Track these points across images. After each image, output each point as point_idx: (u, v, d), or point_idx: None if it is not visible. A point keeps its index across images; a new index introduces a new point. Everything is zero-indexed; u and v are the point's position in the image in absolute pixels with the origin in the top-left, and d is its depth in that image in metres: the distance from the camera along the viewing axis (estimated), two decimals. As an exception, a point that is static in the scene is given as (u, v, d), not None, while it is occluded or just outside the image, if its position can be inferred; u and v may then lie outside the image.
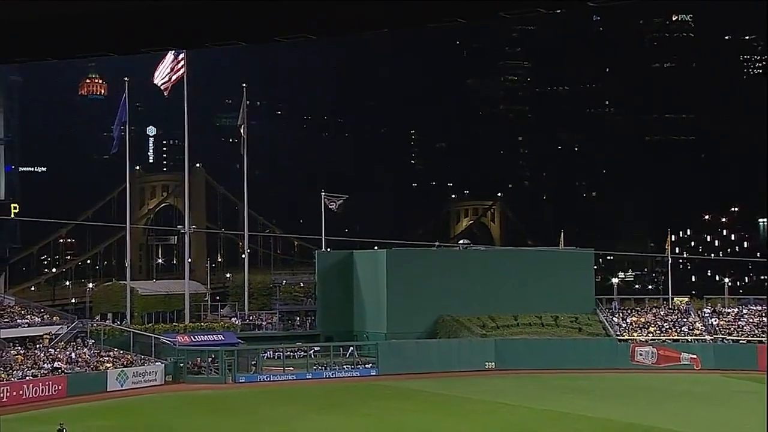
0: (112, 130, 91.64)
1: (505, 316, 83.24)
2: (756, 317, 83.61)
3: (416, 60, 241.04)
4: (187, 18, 9.78)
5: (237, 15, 9.52)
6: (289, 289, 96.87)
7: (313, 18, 9.39)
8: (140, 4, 10.01)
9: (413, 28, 10.03)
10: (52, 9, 10.27)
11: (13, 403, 62.96)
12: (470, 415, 58.09)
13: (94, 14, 10.26)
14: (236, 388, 71.15)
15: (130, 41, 10.89)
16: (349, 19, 9.34)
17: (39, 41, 11.14)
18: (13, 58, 12.55)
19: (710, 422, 53.79)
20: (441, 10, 9.10)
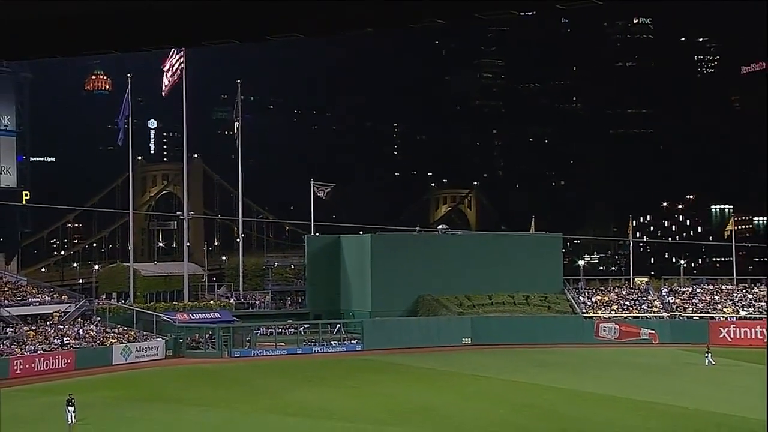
0: (116, 123, 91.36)
1: (481, 295, 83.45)
2: (708, 295, 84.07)
3: (398, 59, 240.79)
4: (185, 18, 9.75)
5: (231, 16, 9.50)
6: (281, 270, 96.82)
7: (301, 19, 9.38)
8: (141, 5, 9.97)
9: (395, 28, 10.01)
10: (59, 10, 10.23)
11: (26, 375, 63.11)
12: (449, 386, 58.23)
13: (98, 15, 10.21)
14: (232, 362, 71.16)
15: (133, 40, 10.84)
16: (335, 20, 9.34)
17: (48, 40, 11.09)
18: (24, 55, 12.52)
19: (667, 391, 54.04)
20: (421, 11, 9.10)
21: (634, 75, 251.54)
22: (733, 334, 77.56)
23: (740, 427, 44.28)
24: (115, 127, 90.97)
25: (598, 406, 50.15)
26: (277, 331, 78.61)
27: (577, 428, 44.24)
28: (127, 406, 52.27)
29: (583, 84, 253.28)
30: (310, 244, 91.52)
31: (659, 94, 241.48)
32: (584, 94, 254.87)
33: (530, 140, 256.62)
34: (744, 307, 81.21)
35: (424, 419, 46.97)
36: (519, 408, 50.04)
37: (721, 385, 57.81)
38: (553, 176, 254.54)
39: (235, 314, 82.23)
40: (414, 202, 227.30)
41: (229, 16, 9.53)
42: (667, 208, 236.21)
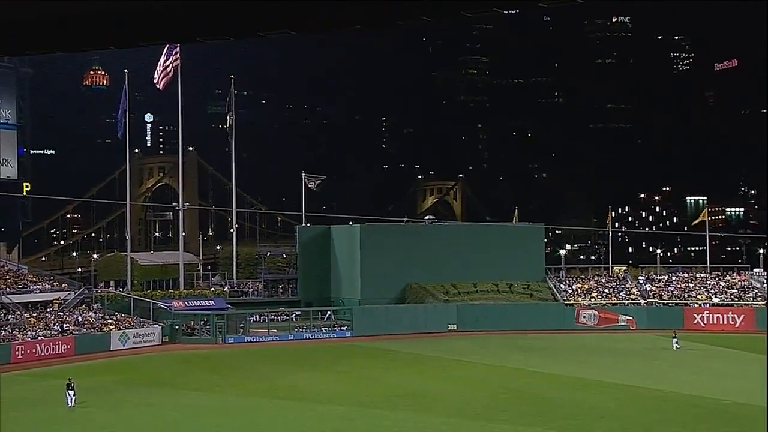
0: (113, 117, 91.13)
1: (466, 283, 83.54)
2: (683, 283, 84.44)
3: (387, 55, 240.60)
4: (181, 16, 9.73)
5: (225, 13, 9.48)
6: (273, 260, 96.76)
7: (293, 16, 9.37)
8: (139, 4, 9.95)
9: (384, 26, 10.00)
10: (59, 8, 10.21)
11: (27, 360, 63.03)
12: (435, 371, 58.33)
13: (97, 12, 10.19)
14: (226, 348, 71.13)
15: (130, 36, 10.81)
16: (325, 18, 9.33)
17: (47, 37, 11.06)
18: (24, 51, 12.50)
19: (644, 375, 54.30)
20: (409, 10, 9.09)
21: (614, 72, 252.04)
22: (707, 320, 77.99)
23: (715, 408, 44.53)
24: (114, 121, 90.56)
25: (578, 390, 50.31)
26: (269, 318, 78.63)
27: (557, 411, 44.39)
28: (125, 390, 52.23)
29: (565, 80, 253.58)
30: (301, 234, 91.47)
31: (637, 90, 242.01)
32: (565, 89, 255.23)
33: (514, 134, 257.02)
34: (717, 294, 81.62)
35: (411, 402, 47.06)
36: (502, 391, 50.17)
37: (696, 368, 58.13)
38: (535, 169, 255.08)
39: (229, 302, 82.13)
40: (402, 194, 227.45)
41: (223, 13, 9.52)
42: (644, 200, 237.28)
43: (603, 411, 44.24)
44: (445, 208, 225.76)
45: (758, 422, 41.43)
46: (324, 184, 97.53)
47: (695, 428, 40.18)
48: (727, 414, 43.37)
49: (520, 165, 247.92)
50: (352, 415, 43.98)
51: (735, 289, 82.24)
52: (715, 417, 42.65)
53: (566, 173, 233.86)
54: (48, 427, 41.50)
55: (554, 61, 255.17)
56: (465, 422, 41.62)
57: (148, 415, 45.04)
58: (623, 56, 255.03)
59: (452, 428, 40.45)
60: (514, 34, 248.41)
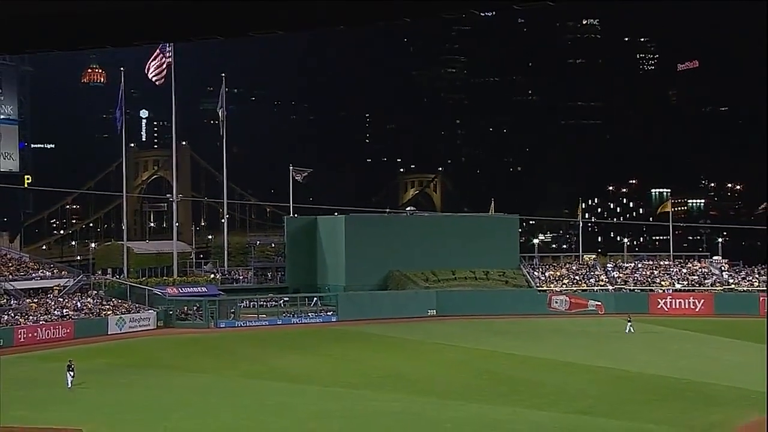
0: (110, 112, 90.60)
1: (445, 271, 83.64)
2: (648, 270, 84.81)
3: (370, 54, 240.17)
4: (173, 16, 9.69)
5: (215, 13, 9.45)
6: (263, 248, 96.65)
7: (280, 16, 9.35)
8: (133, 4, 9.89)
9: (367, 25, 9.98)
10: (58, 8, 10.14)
11: (29, 343, 62.88)
12: (416, 353, 58.48)
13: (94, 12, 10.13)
14: (217, 332, 71.03)
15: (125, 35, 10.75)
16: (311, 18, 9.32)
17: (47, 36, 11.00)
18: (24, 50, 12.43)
19: (612, 356, 54.59)
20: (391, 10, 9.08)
21: (584, 71, 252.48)
22: (670, 305, 78.49)
23: (676, 387, 44.86)
24: (111, 117, 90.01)
25: (551, 371, 50.54)
26: (259, 303, 78.54)
27: (531, 391, 44.59)
28: (122, 372, 52.15)
29: (538, 79, 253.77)
30: (289, 224, 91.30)
31: (606, 89, 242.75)
32: (539, 88, 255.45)
33: (490, 130, 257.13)
34: (679, 280, 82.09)
35: (393, 383, 47.17)
36: (479, 373, 50.34)
37: (659, 350, 58.50)
38: (510, 162, 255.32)
39: (221, 288, 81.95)
40: (384, 186, 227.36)
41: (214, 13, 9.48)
42: (612, 192, 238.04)
43: (574, 390, 44.47)
44: (426, 200, 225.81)
45: (714, 399, 41.84)
46: (310, 176, 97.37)
47: (658, 405, 40.46)
48: (688, 392, 43.75)
49: (496, 159, 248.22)
50: (338, 395, 44.03)
51: (696, 275, 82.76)
52: (677, 395, 42.99)
53: (540, 167, 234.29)
54: (49, 406, 41.36)
55: (528, 61, 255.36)
56: (444, 401, 41.74)
57: (144, 395, 44.94)
58: (593, 57, 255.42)
59: (432, 407, 40.56)
60: (490, 36, 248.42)
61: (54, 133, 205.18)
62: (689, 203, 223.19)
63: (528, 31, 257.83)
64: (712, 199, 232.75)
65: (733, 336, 63.59)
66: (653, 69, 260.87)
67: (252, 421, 38.22)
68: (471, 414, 38.97)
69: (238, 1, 9.24)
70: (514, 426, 36.56)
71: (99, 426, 37.06)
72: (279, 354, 58.51)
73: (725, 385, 45.08)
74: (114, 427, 37.11)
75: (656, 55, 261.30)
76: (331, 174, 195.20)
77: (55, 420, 38.48)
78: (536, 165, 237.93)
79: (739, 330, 66.09)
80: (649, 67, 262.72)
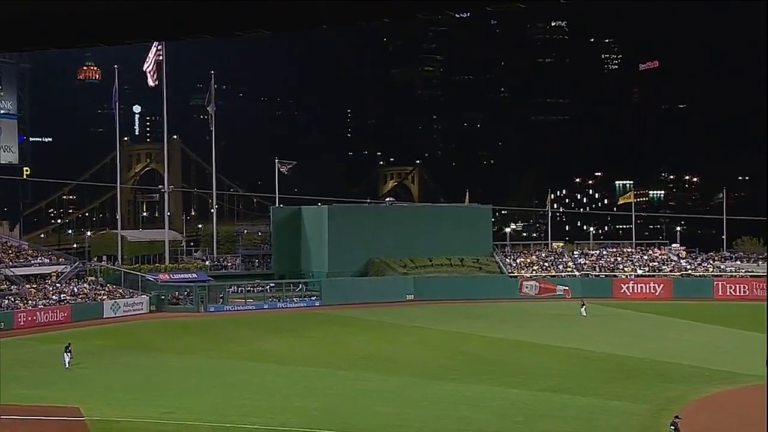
0: (104, 108, 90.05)
1: (422, 258, 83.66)
2: (612, 257, 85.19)
3: (351, 53, 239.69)
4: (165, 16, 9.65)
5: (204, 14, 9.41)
6: (250, 237, 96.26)
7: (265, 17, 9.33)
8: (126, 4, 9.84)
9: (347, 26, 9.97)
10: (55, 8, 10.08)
11: (29, 326, 62.54)
12: (395, 335, 58.57)
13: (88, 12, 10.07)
14: (207, 316, 70.82)
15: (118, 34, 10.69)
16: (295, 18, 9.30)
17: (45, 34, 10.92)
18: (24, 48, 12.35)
19: (578, 338, 54.87)
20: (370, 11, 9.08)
21: (552, 70, 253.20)
22: (632, 289, 78.92)
23: (637, 366, 45.20)
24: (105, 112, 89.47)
25: (521, 351, 50.79)
26: (246, 289, 78.26)
27: (503, 370, 44.79)
28: (117, 353, 51.96)
29: (510, 77, 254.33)
30: (275, 214, 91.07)
31: (573, 87, 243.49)
32: (510, 85, 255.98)
33: (465, 125, 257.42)
34: (641, 266, 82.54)
35: (374, 363, 47.24)
36: (454, 354, 50.49)
37: (622, 332, 58.87)
38: (484, 156, 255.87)
39: (210, 274, 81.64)
40: (365, 178, 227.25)
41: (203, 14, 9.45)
42: (579, 184, 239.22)
43: (543, 370, 44.70)
44: (404, 191, 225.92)
45: (671, 376, 42.20)
46: (295, 169, 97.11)
47: (620, 383, 40.75)
48: (647, 370, 44.10)
49: (471, 153, 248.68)
50: (322, 375, 44.05)
51: (656, 262, 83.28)
52: (637, 373, 43.33)
53: (511, 160, 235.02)
54: (47, 386, 41.15)
55: (501, 60, 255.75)
56: (421, 381, 41.85)
57: (138, 375, 44.80)
58: (561, 56, 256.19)
59: (410, 386, 40.66)
60: (465, 36, 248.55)
61: (51, 127, 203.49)
62: (650, 194, 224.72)
63: (500, 32, 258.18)
64: (671, 191, 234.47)
65: (690, 318, 64.14)
66: (617, 68, 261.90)
67: (240, 399, 38.18)
68: (446, 392, 39.10)
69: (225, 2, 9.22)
70: (486, 403, 36.72)
71: (95, 404, 36.91)
72: (265, 336, 58.43)
73: (682, 364, 45.49)
74: (109, 405, 36.97)
75: (620, 56, 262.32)
76: (314, 166, 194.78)
77: (54, 398, 38.33)
78: (508, 158, 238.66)
79: (695, 312, 66.69)
80: (613, 67, 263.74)
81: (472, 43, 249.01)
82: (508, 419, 33.95)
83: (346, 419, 33.99)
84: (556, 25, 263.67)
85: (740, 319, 62.78)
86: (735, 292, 76.88)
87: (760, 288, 76.67)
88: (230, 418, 34.27)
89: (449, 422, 33.36)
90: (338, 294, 76.42)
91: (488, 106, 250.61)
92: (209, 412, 35.40)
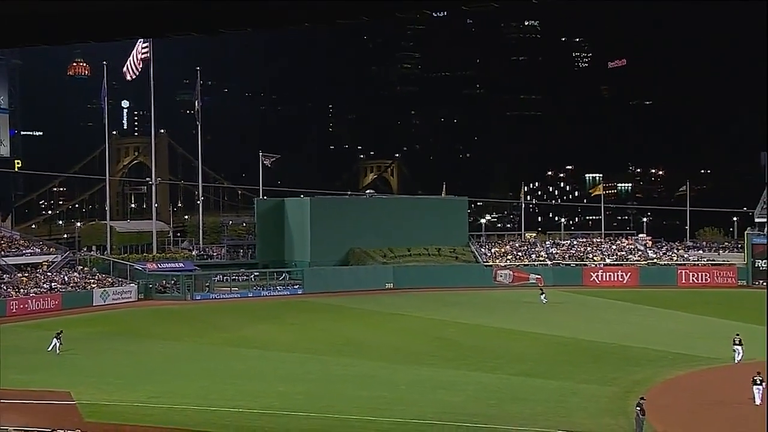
0: (93, 103, 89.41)
1: (401, 248, 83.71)
2: (582, 247, 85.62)
3: (333, 50, 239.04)
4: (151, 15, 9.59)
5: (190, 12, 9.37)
6: (235, 228, 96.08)
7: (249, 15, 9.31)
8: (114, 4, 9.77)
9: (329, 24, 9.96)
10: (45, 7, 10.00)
11: (21, 314, 62.19)
12: (374, 322, 58.62)
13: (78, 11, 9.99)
14: (193, 304, 70.55)
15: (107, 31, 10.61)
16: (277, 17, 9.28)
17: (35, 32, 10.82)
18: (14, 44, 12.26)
19: (549, 324, 55.18)
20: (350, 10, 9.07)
21: (526, 67, 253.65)
22: (601, 278, 79.40)
23: (605, 350, 45.53)
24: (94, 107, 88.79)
25: (495, 337, 51.00)
26: (231, 278, 78.05)
27: (478, 355, 44.97)
28: (106, 340, 51.70)
29: (485, 74, 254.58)
30: (259, 205, 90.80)
31: (546, 84, 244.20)
32: (485, 82, 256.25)
33: (442, 120, 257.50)
34: (609, 255, 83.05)
35: (354, 349, 47.30)
36: (431, 339, 50.63)
37: (592, 317, 59.26)
38: (460, 150, 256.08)
39: (196, 264, 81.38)
40: (346, 171, 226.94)
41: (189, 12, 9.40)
42: (551, 176, 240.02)
43: (516, 354, 44.94)
44: (383, 183, 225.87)
45: (637, 360, 42.55)
46: (278, 162, 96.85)
47: (590, 367, 41.05)
48: (615, 354, 44.44)
49: (448, 146, 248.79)
50: (304, 360, 44.05)
51: (623, 251, 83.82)
52: (606, 357, 43.65)
53: (486, 154, 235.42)
54: (39, 371, 40.88)
55: (476, 57, 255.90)
56: (400, 366, 41.95)
57: (126, 360, 44.62)
58: (534, 54, 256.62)
59: (388, 370, 40.75)
60: (442, 34, 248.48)
61: (42, 122, 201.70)
62: (618, 187, 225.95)
63: (476, 31, 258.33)
64: (638, 183, 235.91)
65: (655, 305, 64.65)
66: (587, 66, 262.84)
67: (225, 384, 38.11)
68: (423, 376, 39.21)
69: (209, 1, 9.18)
70: (462, 387, 36.86)
71: (86, 388, 36.75)
72: (250, 323, 58.31)
73: (647, 348, 45.89)
74: (99, 389, 36.82)
75: (590, 54, 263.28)
76: (297, 159, 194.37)
77: (45, 383, 38.12)
78: (483, 152, 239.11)
79: (660, 299, 67.24)
80: (583, 65, 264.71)
81: (449, 42, 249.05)
82: (483, 402, 34.11)
83: (327, 403, 34.02)
84: (530, 25, 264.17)
85: (702, 305, 63.46)
86: (697, 280, 77.61)
87: (721, 276, 77.55)
88: (216, 402, 34.23)
89: (426, 405, 33.46)
90: (320, 282, 76.34)
91: (464, 102, 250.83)
92: (196, 396, 35.33)
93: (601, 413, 32.13)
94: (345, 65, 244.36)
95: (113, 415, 32.12)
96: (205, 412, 32.57)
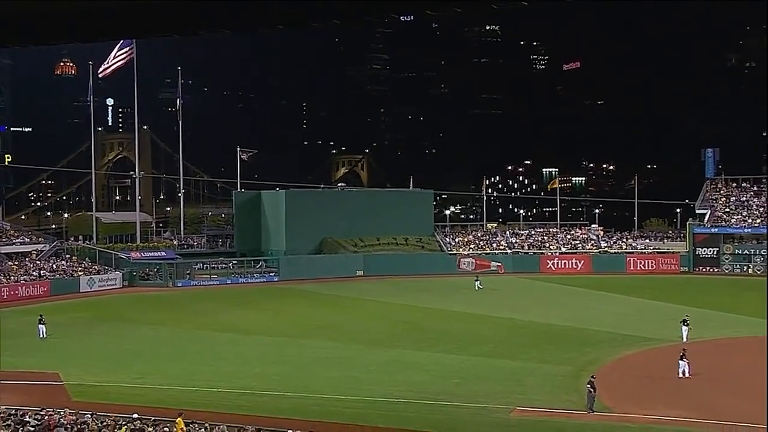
0: (80, 100, 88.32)
1: (371, 237, 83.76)
2: (539, 236, 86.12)
3: (306, 51, 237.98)
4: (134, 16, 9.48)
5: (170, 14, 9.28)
6: (214, 218, 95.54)
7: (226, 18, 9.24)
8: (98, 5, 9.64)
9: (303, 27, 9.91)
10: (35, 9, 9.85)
11: (11, 300, 61.38)
12: (346, 307, 58.65)
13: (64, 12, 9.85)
14: (175, 291, 70.07)
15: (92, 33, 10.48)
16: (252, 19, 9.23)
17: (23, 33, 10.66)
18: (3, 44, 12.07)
19: (509, 308, 55.56)
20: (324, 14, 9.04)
21: (487, 69, 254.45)
22: (557, 265, 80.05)
23: (560, 333, 45.96)
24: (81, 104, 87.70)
25: (458, 321, 51.24)
26: (211, 266, 77.54)
27: (443, 338, 45.18)
28: (93, 324, 51.23)
29: (449, 75, 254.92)
30: (237, 197, 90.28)
31: (506, 84, 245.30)
32: (450, 82, 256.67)
33: (409, 117, 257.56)
34: (564, 244, 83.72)
35: (327, 333, 47.29)
36: (398, 323, 50.76)
37: (547, 303, 59.72)
38: (426, 145, 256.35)
39: (178, 253, 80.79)
40: (319, 165, 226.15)
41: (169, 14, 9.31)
42: (511, 171, 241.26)
43: (478, 337, 45.21)
44: (354, 177, 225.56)
45: (590, 341, 43.02)
46: (255, 156, 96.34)
47: (546, 348, 41.42)
48: (570, 336, 44.86)
49: (414, 142, 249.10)
50: (280, 343, 43.99)
51: (577, 240, 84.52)
52: (561, 339, 44.06)
53: (450, 149, 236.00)
54: (29, 354, 40.39)
55: (441, 59, 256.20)
56: (370, 348, 42.04)
57: (112, 344, 44.26)
58: (494, 57, 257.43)
59: (359, 353, 40.82)
60: (409, 37, 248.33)
61: (31, 118, 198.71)
62: (573, 180, 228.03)
63: (441, 34, 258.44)
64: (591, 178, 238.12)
65: (606, 290, 65.34)
66: (544, 68, 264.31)
67: (205, 366, 37.95)
68: (392, 358, 39.33)
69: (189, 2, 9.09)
70: (428, 367, 37.03)
71: (74, 370, 36.42)
72: (228, 309, 58.05)
73: (598, 330, 46.41)
74: (87, 371, 36.51)
75: (546, 57, 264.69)
76: (273, 154, 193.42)
77: (35, 365, 37.74)
78: (448, 148, 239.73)
79: (610, 285, 67.96)
80: (540, 66, 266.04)
81: (416, 44, 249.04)
82: (447, 381, 34.30)
83: (302, 383, 34.01)
84: (491, 29, 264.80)
85: (648, 290, 64.27)
86: (644, 267, 78.60)
87: (665, 263, 78.61)
88: (197, 383, 34.08)
89: (394, 385, 33.59)
90: (295, 270, 76.22)
91: (430, 101, 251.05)
92: (178, 377, 35.16)
93: (556, 390, 32.46)
94: (318, 66, 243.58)
95: (100, 395, 31.85)
96: (188, 392, 32.41)
